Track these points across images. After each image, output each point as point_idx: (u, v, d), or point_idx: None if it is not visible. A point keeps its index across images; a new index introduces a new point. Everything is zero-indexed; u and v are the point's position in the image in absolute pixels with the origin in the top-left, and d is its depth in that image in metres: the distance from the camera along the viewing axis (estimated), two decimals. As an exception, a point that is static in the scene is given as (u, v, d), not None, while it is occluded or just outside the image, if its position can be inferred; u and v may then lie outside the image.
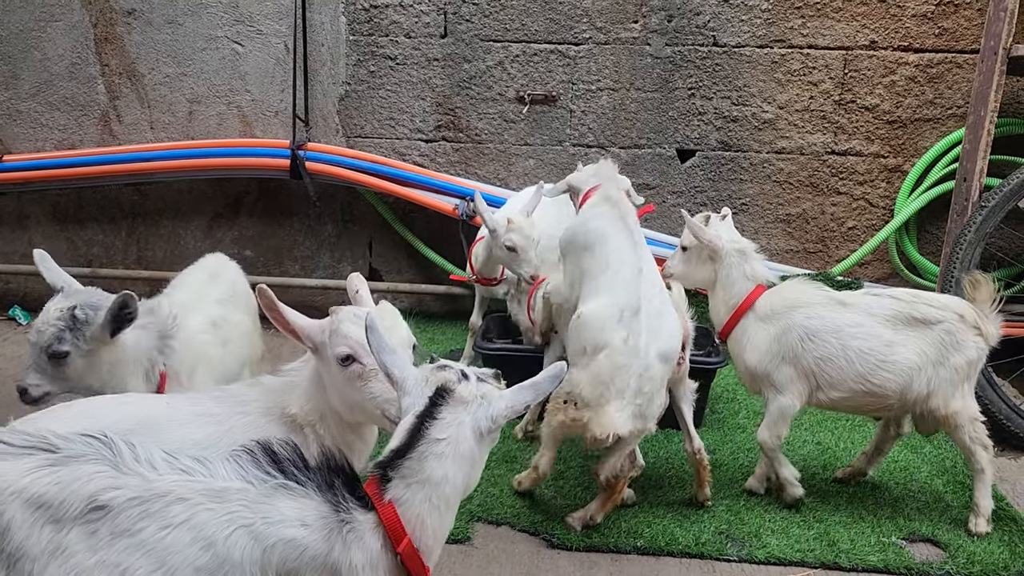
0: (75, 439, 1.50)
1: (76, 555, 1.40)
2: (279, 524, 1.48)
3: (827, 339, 2.88)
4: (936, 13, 4.48)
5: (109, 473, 1.45)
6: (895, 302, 2.91)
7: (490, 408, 1.65)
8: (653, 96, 4.72)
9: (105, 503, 1.42)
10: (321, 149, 4.74)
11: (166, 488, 1.45)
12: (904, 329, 2.87)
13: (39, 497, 1.41)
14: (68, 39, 4.86)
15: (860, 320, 2.89)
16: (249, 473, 1.52)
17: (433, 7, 4.68)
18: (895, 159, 4.70)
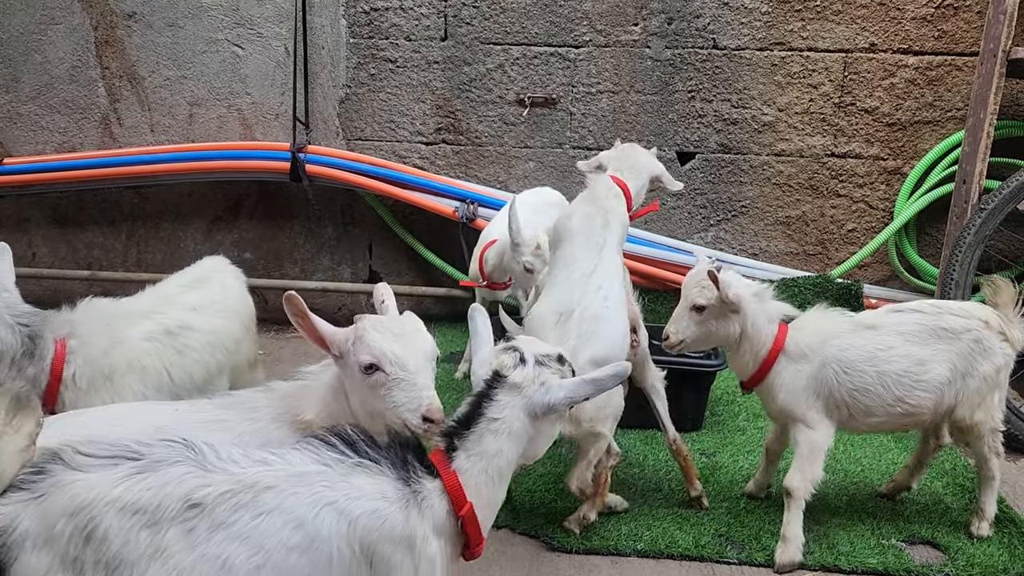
0: (155, 444, 1.57)
1: (176, 554, 1.47)
2: (361, 499, 1.57)
3: (863, 369, 2.75)
4: (936, 16, 4.49)
5: (197, 472, 1.52)
6: (920, 316, 2.81)
7: (547, 395, 1.75)
8: (653, 99, 4.72)
9: (199, 500, 1.49)
10: (321, 152, 4.75)
11: (253, 479, 1.54)
12: (933, 343, 2.77)
13: (134, 504, 1.47)
14: (69, 42, 4.87)
15: (891, 342, 2.77)
16: (324, 456, 1.62)
17: (433, 10, 4.69)
18: (895, 161, 4.71)
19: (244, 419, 1.96)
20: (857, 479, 3.34)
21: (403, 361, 1.92)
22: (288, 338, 4.83)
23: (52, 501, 1.47)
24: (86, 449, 1.54)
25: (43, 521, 1.46)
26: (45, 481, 1.50)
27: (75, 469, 1.51)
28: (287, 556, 1.51)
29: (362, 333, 1.94)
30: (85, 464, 1.52)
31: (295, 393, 2.06)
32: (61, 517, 1.45)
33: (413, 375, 1.92)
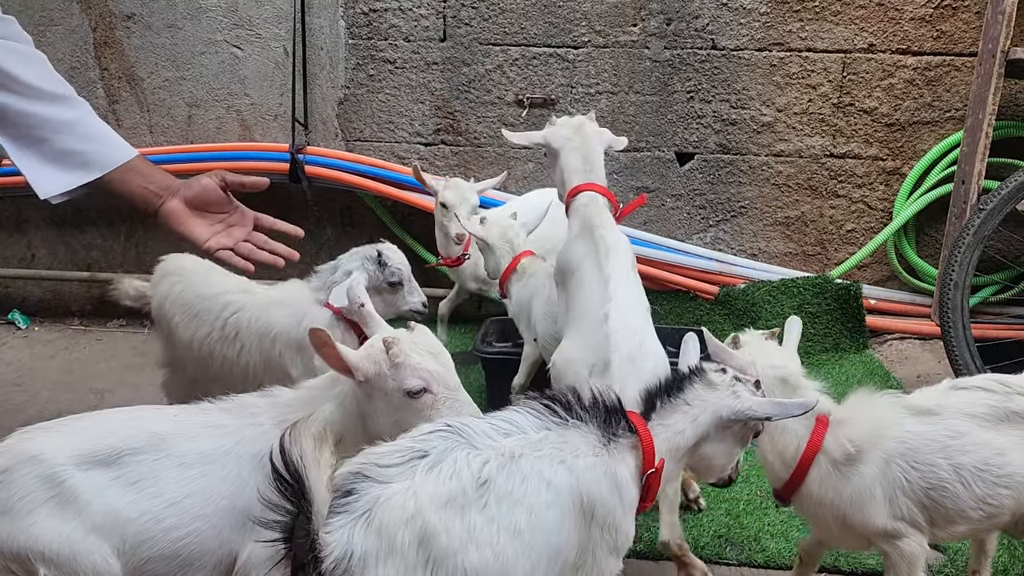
0: (430, 437, 1.67)
1: (482, 531, 1.58)
2: (579, 456, 1.74)
3: (935, 461, 2.18)
4: (934, 16, 4.49)
5: (473, 453, 1.65)
6: (988, 396, 2.25)
7: (736, 402, 1.86)
8: (652, 99, 4.72)
9: (486, 477, 1.62)
10: (320, 153, 4.75)
11: (509, 449, 1.68)
12: (1007, 429, 2.22)
13: (444, 496, 1.57)
14: (67, 43, 4.86)
15: (961, 428, 2.21)
16: (545, 421, 1.77)
17: (432, 11, 4.69)
18: (893, 162, 4.71)
19: (245, 424, 1.95)
20: (856, 480, 3.33)
21: (447, 380, 1.96)
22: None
23: (384, 516, 1.52)
24: (383, 460, 1.60)
25: (381, 537, 1.51)
26: (361, 500, 1.54)
27: (385, 482, 1.57)
28: (546, 513, 1.66)
29: (403, 358, 1.92)
30: (392, 474, 1.58)
31: (298, 403, 2.03)
32: (399, 528, 1.51)
33: (456, 392, 1.97)
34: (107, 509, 1.76)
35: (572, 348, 2.57)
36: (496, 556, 1.58)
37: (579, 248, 2.70)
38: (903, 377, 4.23)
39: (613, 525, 1.76)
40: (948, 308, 3.78)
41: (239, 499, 1.85)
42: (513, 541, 1.60)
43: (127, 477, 1.80)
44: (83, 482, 1.76)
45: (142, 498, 1.79)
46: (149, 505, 1.79)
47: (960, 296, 3.80)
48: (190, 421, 1.94)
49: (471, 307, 4.68)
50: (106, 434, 1.84)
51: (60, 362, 4.53)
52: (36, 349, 4.73)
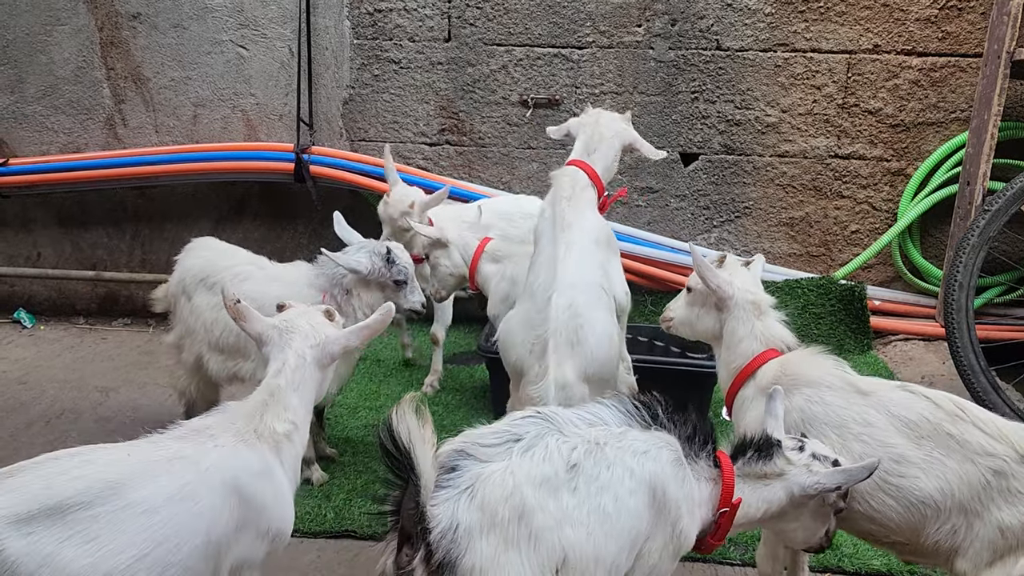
0: (523, 422, 1.78)
1: (573, 511, 1.68)
2: (661, 451, 1.84)
3: (826, 432, 2.17)
4: (940, 17, 4.48)
5: (562, 439, 1.75)
6: (932, 408, 2.11)
7: (807, 478, 1.91)
8: (656, 100, 4.72)
9: (575, 461, 1.72)
10: (325, 152, 4.76)
11: (595, 437, 1.78)
12: (930, 447, 2.07)
13: (539, 477, 1.68)
14: (74, 43, 4.88)
15: (873, 418, 2.14)
16: (628, 418, 1.87)
17: (437, 11, 4.69)
18: (898, 163, 4.71)
19: (208, 448, 1.84)
20: (860, 480, 3.33)
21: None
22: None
23: (486, 492, 1.63)
24: (484, 440, 1.72)
25: (484, 511, 1.61)
26: (464, 476, 1.65)
27: (487, 461, 1.68)
28: (628, 499, 1.75)
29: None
30: (491, 454, 1.69)
31: (255, 411, 1.97)
32: (500, 503, 1.62)
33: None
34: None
35: (516, 324, 2.68)
36: (588, 535, 1.68)
37: (543, 221, 2.80)
38: (907, 378, 4.22)
39: (680, 528, 1.84)
40: (953, 309, 3.78)
41: (215, 530, 1.76)
42: (603, 524, 1.70)
43: (82, 535, 1.59)
44: (23, 549, 1.54)
45: (102, 557, 1.60)
46: (112, 564, 1.60)
47: (965, 297, 3.79)
48: (146, 459, 1.76)
49: (474, 307, 4.68)
50: (48, 489, 1.61)
51: (66, 360, 4.54)
52: (42, 347, 4.74)
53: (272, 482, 1.90)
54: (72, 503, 1.60)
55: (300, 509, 3.01)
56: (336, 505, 3.05)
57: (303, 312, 2.13)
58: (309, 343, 2.04)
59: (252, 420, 1.94)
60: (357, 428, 3.71)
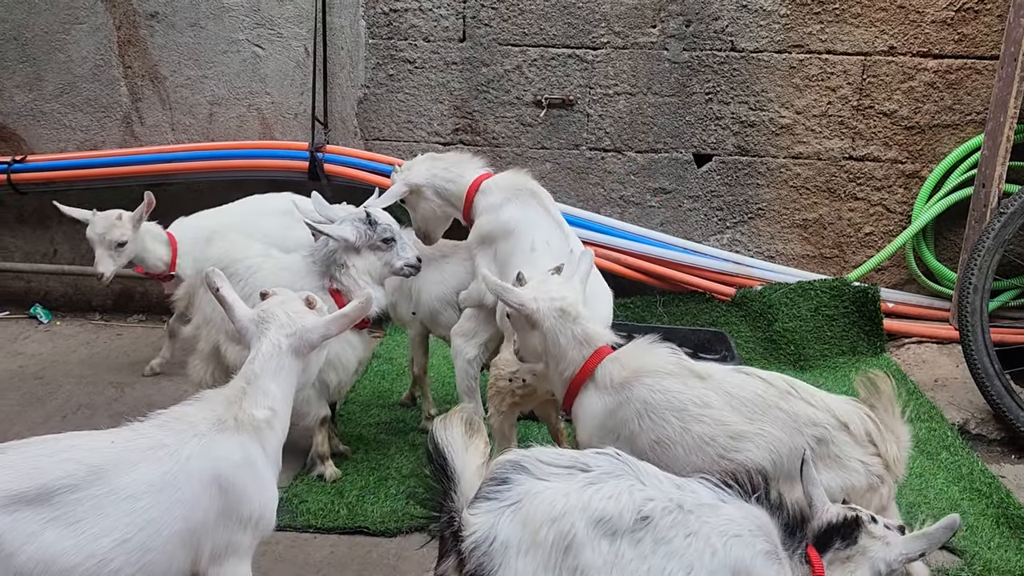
0: (597, 457, 1.65)
1: (629, 564, 1.55)
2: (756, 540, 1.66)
3: (668, 418, 2.23)
4: (956, 19, 4.47)
5: (639, 487, 1.61)
6: (765, 387, 2.25)
7: (890, 552, 1.79)
8: (670, 100, 4.73)
9: (648, 513, 1.58)
10: (339, 151, 4.78)
11: (679, 499, 1.63)
12: (762, 422, 2.20)
13: (600, 512, 1.55)
14: (92, 41, 4.92)
15: (711, 399, 2.23)
16: (720, 493, 1.70)
17: (452, 11, 4.71)
18: (913, 165, 4.69)
19: (188, 437, 1.86)
20: (872, 483, 3.32)
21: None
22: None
23: (531, 509, 1.53)
24: (545, 458, 1.61)
25: (525, 528, 1.52)
26: (513, 490, 1.56)
27: (541, 479, 1.58)
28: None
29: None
30: (550, 473, 1.59)
31: (233, 399, 1.98)
32: (544, 524, 1.52)
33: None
34: (40, 556, 1.61)
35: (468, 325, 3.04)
36: None
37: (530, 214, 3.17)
38: (920, 381, 4.21)
39: None
40: (967, 312, 3.76)
41: (195, 517, 1.81)
42: None
43: (66, 518, 1.65)
44: (8, 525, 1.60)
45: (86, 540, 1.65)
46: (95, 547, 1.66)
47: (979, 300, 3.78)
48: (128, 446, 1.80)
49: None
50: (36, 470, 1.67)
51: (81, 356, 4.58)
52: (58, 343, 4.78)
53: (253, 470, 1.92)
54: (58, 486, 1.65)
55: (313, 505, 3.04)
56: (349, 501, 3.07)
57: (282, 301, 2.13)
58: (285, 332, 2.05)
59: (231, 407, 1.95)
60: (370, 426, 3.73)
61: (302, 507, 3.03)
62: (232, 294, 2.13)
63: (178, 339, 4.10)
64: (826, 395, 2.27)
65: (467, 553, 1.51)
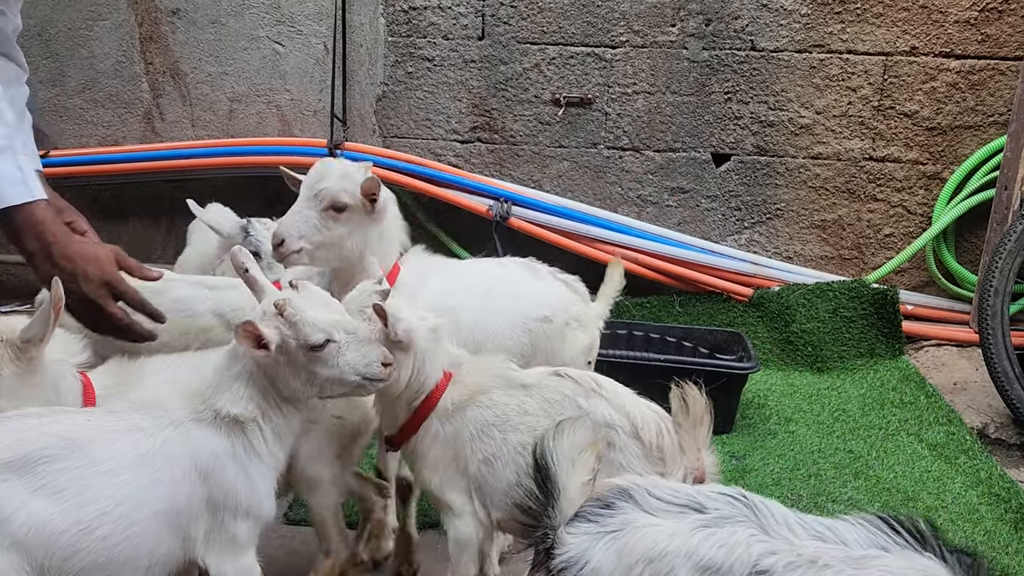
0: (717, 497, 1.49)
1: None
2: None
3: (492, 433, 2.13)
4: (979, 19, 4.42)
5: (761, 537, 1.42)
6: (572, 386, 2.15)
7: None
8: (689, 100, 4.71)
9: (766, 568, 1.39)
10: (358, 149, 4.79)
11: (813, 554, 1.40)
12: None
13: (707, 561, 1.40)
14: (114, 38, 4.97)
15: (529, 406, 2.13)
16: (881, 539, 1.45)
17: (471, 9, 4.72)
18: (934, 166, 4.65)
19: (164, 424, 1.86)
20: (889, 485, 3.31)
21: (345, 325, 1.96)
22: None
23: (629, 541, 1.42)
24: (657, 491, 1.49)
25: (620, 561, 1.42)
26: (616, 518, 1.46)
27: (648, 512, 1.46)
28: None
29: (295, 316, 1.88)
30: (659, 508, 1.46)
31: (209, 392, 1.93)
32: (641, 561, 1.40)
33: (356, 334, 1.97)
34: (32, 522, 1.64)
35: None
36: None
37: None
38: (939, 384, 4.18)
39: None
40: (988, 315, 3.73)
41: (176, 500, 1.80)
42: None
43: (50, 487, 1.67)
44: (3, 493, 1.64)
45: (71, 508, 1.68)
46: (80, 515, 1.68)
47: (1000, 303, 3.75)
48: (105, 426, 1.81)
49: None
50: (18, 441, 1.70)
51: (101, 349, 4.62)
52: (78, 336, 4.82)
53: (235, 461, 1.89)
54: (40, 456, 1.68)
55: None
56: (364, 497, 3.08)
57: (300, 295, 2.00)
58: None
59: (206, 400, 1.91)
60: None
61: (317, 502, 3.05)
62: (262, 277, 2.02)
63: None
64: (631, 398, 2.13)
65: (555, 572, 1.45)
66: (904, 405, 3.99)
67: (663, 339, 4.12)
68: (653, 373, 3.17)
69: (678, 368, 3.60)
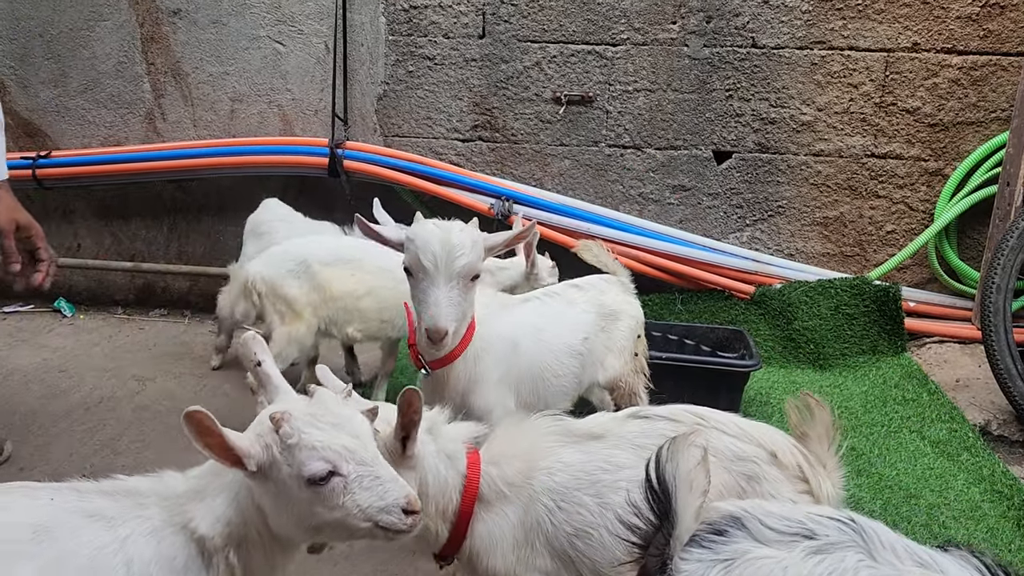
0: (827, 522, 1.44)
1: None
2: None
3: (581, 499, 1.82)
4: (981, 15, 4.41)
5: (868, 562, 1.38)
6: (672, 426, 1.90)
7: None
8: (690, 97, 4.70)
9: None
10: (359, 148, 4.80)
11: None
12: None
13: None
14: (115, 38, 4.98)
15: (620, 459, 1.86)
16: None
17: (472, 8, 4.72)
18: (936, 163, 4.64)
19: (133, 515, 1.57)
20: (892, 483, 3.31)
21: (359, 455, 1.56)
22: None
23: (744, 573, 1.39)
24: (768, 520, 1.44)
25: None
26: (729, 546, 1.43)
27: (760, 543, 1.43)
28: None
29: (296, 438, 1.53)
30: (771, 537, 1.42)
31: (185, 495, 1.63)
32: None
33: (373, 467, 1.58)
34: None
35: None
36: None
37: None
38: (941, 381, 4.17)
39: None
40: (990, 312, 3.72)
41: None
42: None
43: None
44: None
45: None
46: None
47: (1003, 300, 3.74)
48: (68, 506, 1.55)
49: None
50: None
51: (104, 349, 4.64)
52: (81, 336, 4.85)
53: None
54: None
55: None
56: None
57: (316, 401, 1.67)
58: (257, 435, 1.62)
59: (182, 506, 1.61)
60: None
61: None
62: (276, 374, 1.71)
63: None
64: (748, 423, 1.95)
65: None
66: (906, 402, 3.99)
67: (665, 337, 4.12)
68: (655, 371, 3.17)
69: (681, 366, 3.61)
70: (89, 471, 3.29)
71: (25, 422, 3.71)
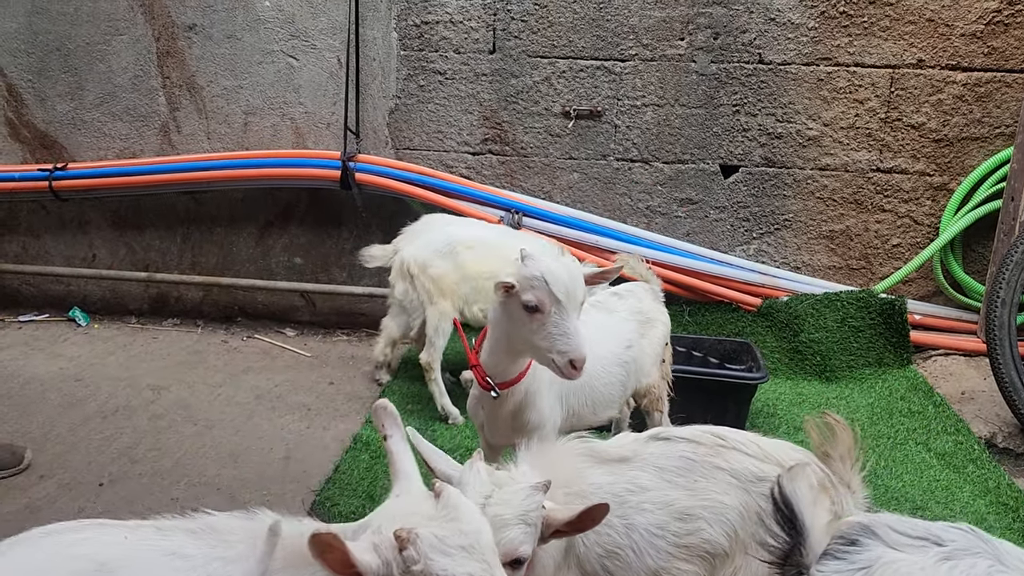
0: (950, 530, 1.49)
1: None
2: None
3: (609, 520, 1.82)
4: (985, 32, 4.47)
5: (999, 568, 1.43)
6: (692, 447, 1.94)
7: None
8: (698, 112, 4.76)
9: None
10: (370, 161, 4.86)
11: None
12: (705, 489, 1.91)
13: None
14: (132, 52, 5.06)
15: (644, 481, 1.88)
16: None
17: (482, 24, 4.79)
18: (941, 177, 4.69)
19: (214, 557, 1.48)
20: (898, 495, 3.34)
21: None
22: (334, 341, 4.95)
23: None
24: (898, 526, 1.50)
25: None
26: (863, 554, 1.47)
27: (892, 548, 1.47)
28: None
29: (422, 564, 1.38)
30: (902, 543, 1.47)
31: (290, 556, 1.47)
32: None
33: None
34: None
35: None
36: None
37: None
38: (947, 393, 4.21)
39: None
40: (995, 325, 3.76)
41: None
42: None
43: None
44: None
45: None
46: None
47: (1008, 314, 3.78)
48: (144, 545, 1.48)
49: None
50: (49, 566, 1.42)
51: (119, 359, 4.70)
52: (96, 346, 4.91)
53: None
54: None
55: (344, 508, 3.11)
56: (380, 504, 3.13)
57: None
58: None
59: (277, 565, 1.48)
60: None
61: (333, 510, 3.11)
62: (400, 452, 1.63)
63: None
64: (761, 439, 1.99)
65: None
66: (912, 414, 4.03)
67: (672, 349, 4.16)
68: (663, 383, 3.21)
69: (689, 378, 3.65)
70: (107, 480, 3.35)
71: (43, 430, 3.76)
